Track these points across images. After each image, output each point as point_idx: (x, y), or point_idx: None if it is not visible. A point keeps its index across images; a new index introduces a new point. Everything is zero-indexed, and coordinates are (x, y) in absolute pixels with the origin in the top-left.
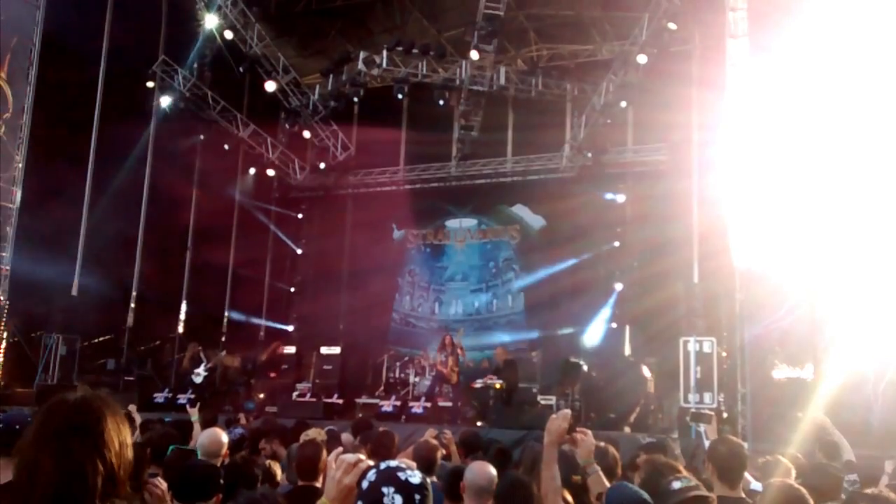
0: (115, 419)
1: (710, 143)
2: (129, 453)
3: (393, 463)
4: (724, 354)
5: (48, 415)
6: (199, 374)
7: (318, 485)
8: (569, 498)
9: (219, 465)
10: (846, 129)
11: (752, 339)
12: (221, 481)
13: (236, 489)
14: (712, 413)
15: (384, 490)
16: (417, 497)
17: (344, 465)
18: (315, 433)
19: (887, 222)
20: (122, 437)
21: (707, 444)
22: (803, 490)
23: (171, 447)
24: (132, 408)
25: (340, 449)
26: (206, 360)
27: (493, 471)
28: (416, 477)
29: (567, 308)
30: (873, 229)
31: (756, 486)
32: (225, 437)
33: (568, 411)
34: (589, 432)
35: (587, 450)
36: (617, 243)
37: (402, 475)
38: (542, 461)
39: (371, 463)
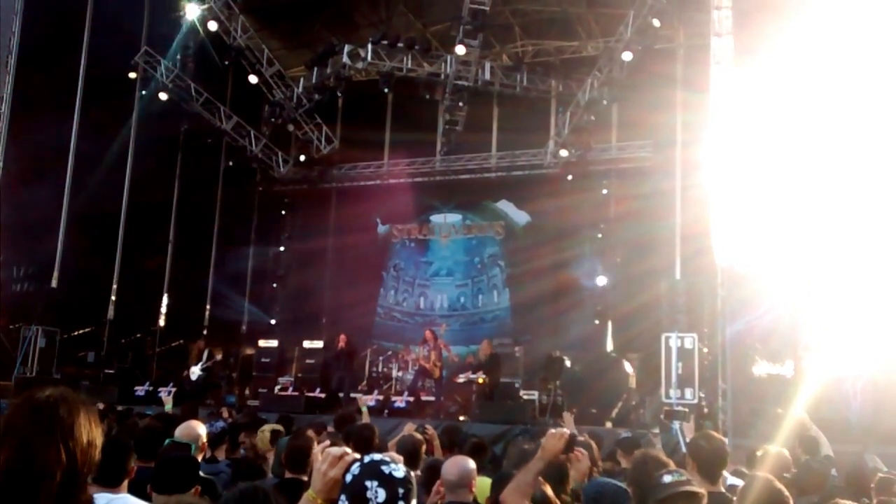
0: (89, 418)
1: (695, 142)
2: (96, 454)
3: (377, 456)
4: (705, 351)
5: (21, 405)
6: (195, 371)
7: (306, 478)
8: (549, 491)
9: (200, 457)
10: (830, 129)
11: (733, 335)
12: (200, 473)
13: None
14: (687, 411)
15: (367, 484)
16: (401, 491)
17: (330, 457)
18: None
19: (869, 222)
20: (91, 436)
21: (683, 440)
22: (782, 487)
23: (167, 440)
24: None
25: (327, 442)
26: (205, 360)
27: (470, 464)
28: (399, 471)
29: (551, 304)
30: (855, 229)
31: (733, 481)
32: (202, 429)
33: (567, 431)
34: (586, 453)
35: (581, 472)
36: (600, 235)
37: (385, 469)
38: (527, 469)
39: (357, 456)
